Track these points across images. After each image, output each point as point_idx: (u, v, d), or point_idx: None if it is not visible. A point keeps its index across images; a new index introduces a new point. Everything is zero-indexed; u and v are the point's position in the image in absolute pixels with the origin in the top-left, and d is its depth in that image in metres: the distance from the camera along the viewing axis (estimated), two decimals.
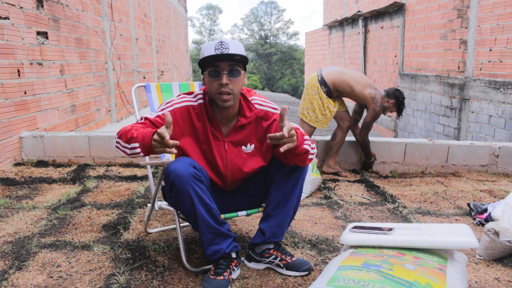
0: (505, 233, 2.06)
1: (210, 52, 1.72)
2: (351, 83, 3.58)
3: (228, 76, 1.74)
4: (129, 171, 3.69)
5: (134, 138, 1.64)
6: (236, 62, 1.75)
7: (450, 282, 1.50)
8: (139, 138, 1.63)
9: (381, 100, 3.64)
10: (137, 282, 1.85)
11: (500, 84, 5.88)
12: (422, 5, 8.36)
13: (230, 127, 1.88)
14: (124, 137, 1.68)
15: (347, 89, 3.59)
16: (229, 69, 1.74)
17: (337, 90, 3.61)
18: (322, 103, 3.62)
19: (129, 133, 1.67)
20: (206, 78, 1.80)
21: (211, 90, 1.78)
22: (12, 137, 3.75)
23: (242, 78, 1.80)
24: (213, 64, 1.74)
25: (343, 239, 1.86)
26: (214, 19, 46.53)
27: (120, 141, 1.70)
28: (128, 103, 7.26)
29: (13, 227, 2.43)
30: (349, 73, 3.67)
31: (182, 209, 1.79)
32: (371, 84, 3.65)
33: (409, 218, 2.74)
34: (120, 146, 1.71)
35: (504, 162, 3.92)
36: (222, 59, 1.73)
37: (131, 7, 7.72)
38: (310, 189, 3.17)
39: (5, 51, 3.63)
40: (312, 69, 18.62)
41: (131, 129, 1.69)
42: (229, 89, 1.75)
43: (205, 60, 1.74)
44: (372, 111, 3.62)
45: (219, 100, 1.77)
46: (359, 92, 3.58)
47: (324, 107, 3.63)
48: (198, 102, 1.85)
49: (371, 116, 3.64)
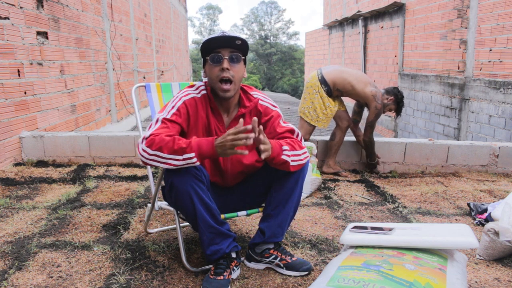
0: (505, 233, 2.06)
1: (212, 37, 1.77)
2: (352, 82, 3.58)
3: (229, 62, 1.77)
4: (129, 171, 3.69)
5: (184, 149, 1.62)
6: (236, 50, 1.79)
7: (450, 282, 1.50)
8: (194, 148, 1.62)
9: (381, 97, 3.64)
10: (137, 282, 1.85)
11: (500, 84, 5.88)
12: (422, 5, 8.36)
13: (231, 118, 1.91)
14: (167, 149, 1.63)
15: (348, 87, 3.59)
16: (229, 55, 1.78)
17: (337, 89, 3.61)
18: (323, 102, 3.62)
19: (170, 144, 1.63)
20: (207, 65, 1.82)
21: (212, 77, 1.81)
22: (12, 137, 3.75)
23: (242, 66, 1.84)
24: (215, 50, 1.78)
25: (343, 239, 1.86)
26: (214, 19, 46.55)
27: (160, 153, 1.63)
28: (128, 103, 7.27)
29: (13, 227, 2.43)
30: (349, 71, 3.67)
31: (182, 209, 1.79)
32: (371, 82, 3.65)
33: (409, 218, 2.74)
34: (159, 159, 1.65)
35: (504, 162, 3.92)
36: (224, 45, 1.77)
37: (131, 7, 7.72)
38: (310, 189, 3.17)
39: (5, 51, 3.64)
40: (312, 69, 18.63)
41: (171, 139, 1.64)
42: (230, 75, 1.77)
43: (207, 45, 1.78)
44: (374, 108, 3.61)
45: (219, 89, 1.79)
46: (360, 90, 3.58)
47: (325, 106, 3.63)
48: (201, 94, 1.88)
49: (373, 114, 3.63)
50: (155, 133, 1.69)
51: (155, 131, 1.71)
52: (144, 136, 1.70)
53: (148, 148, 1.65)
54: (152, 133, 1.69)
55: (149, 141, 1.66)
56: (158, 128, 1.73)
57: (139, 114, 2.43)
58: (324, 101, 3.62)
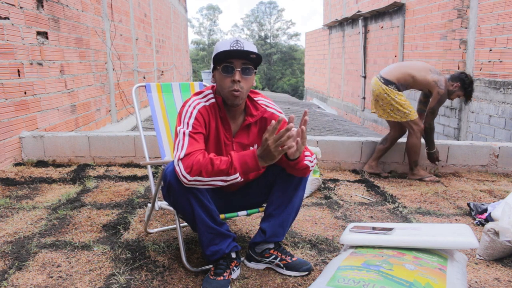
0: (505, 233, 2.06)
1: (226, 48, 1.74)
2: (411, 73, 3.58)
3: (241, 74, 1.76)
4: (129, 171, 3.69)
5: (226, 170, 1.61)
6: (249, 61, 1.77)
7: (450, 282, 1.50)
8: (237, 168, 1.62)
9: (445, 83, 3.58)
10: (137, 282, 1.85)
11: (500, 84, 5.88)
12: (422, 5, 8.36)
13: (237, 125, 1.90)
14: (206, 174, 1.61)
15: (409, 80, 3.59)
16: (242, 67, 1.76)
17: (401, 84, 3.61)
18: (399, 98, 3.59)
19: (209, 167, 1.61)
20: (218, 74, 1.80)
21: (222, 86, 1.79)
22: (12, 137, 3.74)
23: (253, 78, 1.83)
24: (227, 61, 1.76)
25: (343, 239, 1.86)
26: (214, 19, 46.54)
27: (200, 178, 1.62)
28: (128, 103, 7.26)
29: (13, 227, 2.43)
30: (406, 64, 3.70)
31: (180, 210, 1.79)
32: (432, 68, 3.62)
33: (409, 218, 2.74)
34: (200, 183, 1.64)
35: (504, 162, 3.92)
36: (237, 56, 1.75)
37: (131, 7, 7.72)
38: (310, 189, 3.17)
39: (5, 51, 3.63)
40: (312, 69, 18.64)
41: (208, 161, 1.62)
42: (240, 87, 1.76)
43: (220, 55, 1.75)
44: (436, 94, 3.56)
45: (230, 96, 1.78)
46: (422, 78, 3.56)
47: (403, 100, 3.60)
48: (209, 102, 1.86)
49: (436, 100, 3.58)
50: (188, 153, 1.66)
51: (188, 149, 1.67)
52: (178, 157, 1.66)
53: (187, 175, 1.62)
54: (186, 153, 1.66)
55: (187, 166, 1.62)
56: (189, 145, 1.68)
57: (139, 114, 2.43)
58: (399, 98, 3.59)
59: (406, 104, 3.61)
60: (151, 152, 3.66)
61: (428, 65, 3.68)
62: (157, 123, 2.37)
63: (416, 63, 3.69)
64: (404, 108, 3.59)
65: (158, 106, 2.41)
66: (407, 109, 3.60)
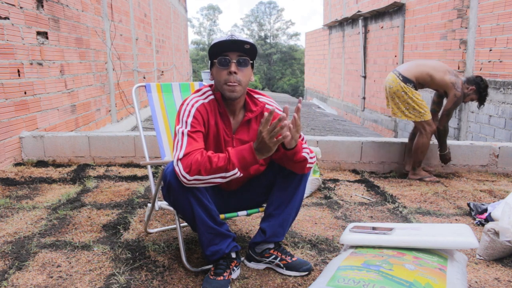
0: (505, 233, 2.06)
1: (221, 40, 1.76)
2: (429, 72, 3.55)
3: (236, 65, 1.76)
4: (129, 171, 3.69)
5: (225, 167, 1.61)
6: (244, 54, 1.78)
7: (450, 282, 1.50)
8: (236, 164, 1.62)
9: (461, 86, 3.57)
10: (137, 282, 1.85)
11: (500, 84, 5.88)
12: (422, 5, 8.36)
13: (237, 122, 1.89)
14: (205, 171, 1.61)
15: (427, 79, 3.57)
16: (237, 59, 1.76)
17: (419, 83, 3.59)
18: (416, 97, 3.57)
19: (208, 165, 1.61)
20: (215, 68, 1.80)
21: (219, 80, 1.79)
22: (12, 137, 3.75)
23: (250, 71, 1.82)
24: (223, 54, 1.77)
25: (343, 239, 1.86)
26: (214, 19, 46.54)
27: (202, 177, 1.62)
28: (128, 103, 7.26)
29: (13, 227, 2.43)
30: (424, 63, 3.68)
31: (180, 210, 1.79)
32: (450, 70, 3.60)
33: (409, 218, 2.74)
34: (199, 182, 1.64)
35: (504, 162, 3.92)
36: (232, 49, 1.75)
37: (131, 7, 7.72)
38: (310, 189, 3.17)
39: (5, 51, 3.64)
40: (312, 69, 18.64)
41: (206, 159, 1.62)
42: (237, 79, 1.76)
43: (215, 48, 1.76)
44: (453, 96, 3.54)
45: (226, 90, 1.77)
46: (440, 79, 3.54)
47: (420, 99, 3.58)
48: (208, 99, 1.86)
49: (452, 102, 3.56)
50: (187, 152, 1.65)
51: (187, 149, 1.67)
52: (178, 157, 1.66)
53: (187, 174, 1.62)
54: (185, 153, 1.65)
55: (186, 166, 1.62)
56: (188, 145, 1.68)
57: (139, 114, 2.43)
58: (417, 97, 3.57)
59: (422, 104, 3.58)
60: (151, 152, 3.66)
61: (445, 65, 3.66)
62: (157, 123, 2.37)
63: (435, 63, 3.66)
64: (420, 108, 3.57)
65: (158, 106, 2.41)
66: (423, 108, 3.58)
